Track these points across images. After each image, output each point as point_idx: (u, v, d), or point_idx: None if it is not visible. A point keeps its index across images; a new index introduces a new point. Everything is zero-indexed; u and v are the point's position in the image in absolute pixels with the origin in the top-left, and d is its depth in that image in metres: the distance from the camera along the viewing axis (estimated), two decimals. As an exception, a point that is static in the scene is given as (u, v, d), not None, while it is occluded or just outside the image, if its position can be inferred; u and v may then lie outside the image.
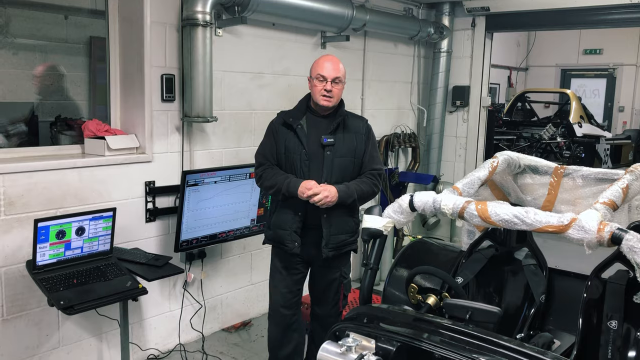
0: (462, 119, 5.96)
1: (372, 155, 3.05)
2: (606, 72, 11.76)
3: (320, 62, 2.97)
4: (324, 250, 2.96)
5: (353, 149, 2.99)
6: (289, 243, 2.98)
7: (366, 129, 3.08)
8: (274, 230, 3.06)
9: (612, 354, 2.06)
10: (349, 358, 1.81)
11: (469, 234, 2.86)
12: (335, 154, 2.94)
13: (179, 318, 3.91)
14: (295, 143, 2.95)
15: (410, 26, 5.39)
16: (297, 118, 2.99)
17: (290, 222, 2.97)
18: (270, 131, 3.06)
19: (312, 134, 2.96)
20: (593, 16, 5.29)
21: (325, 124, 2.98)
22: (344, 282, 3.12)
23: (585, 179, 2.59)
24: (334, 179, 2.92)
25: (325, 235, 2.94)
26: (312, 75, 2.99)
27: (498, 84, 11.91)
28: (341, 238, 3.00)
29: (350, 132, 3.00)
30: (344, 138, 2.97)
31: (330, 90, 2.91)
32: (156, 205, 3.67)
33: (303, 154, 2.93)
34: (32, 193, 3.08)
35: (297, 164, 2.94)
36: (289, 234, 2.97)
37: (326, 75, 2.91)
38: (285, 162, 2.98)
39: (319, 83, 2.93)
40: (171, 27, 3.63)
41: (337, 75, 2.93)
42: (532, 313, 2.48)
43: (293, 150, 2.95)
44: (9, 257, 3.02)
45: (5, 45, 3.55)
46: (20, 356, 3.14)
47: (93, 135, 3.45)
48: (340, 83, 2.95)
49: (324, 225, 2.94)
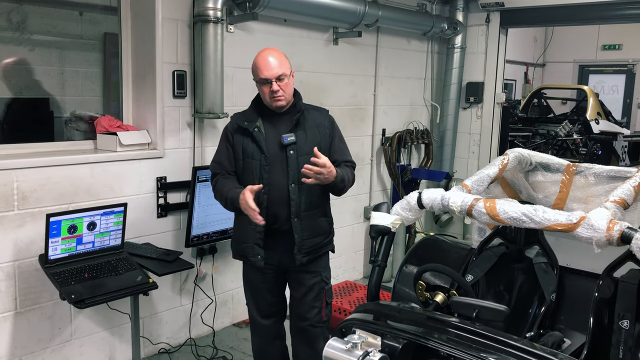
0: (476, 115, 5.91)
1: (339, 147, 2.83)
2: (625, 68, 11.57)
3: (258, 64, 2.67)
4: (297, 256, 2.73)
5: (317, 144, 2.70)
6: (251, 257, 2.76)
7: (329, 121, 2.84)
8: (236, 243, 2.86)
9: (623, 353, 2.03)
10: (354, 355, 1.80)
11: (480, 231, 2.84)
12: (299, 153, 2.69)
13: (189, 313, 3.94)
14: (254, 148, 2.70)
15: (423, 22, 5.35)
16: (252, 120, 2.73)
17: (250, 234, 2.72)
18: (224, 137, 2.81)
19: (271, 135, 2.72)
20: (611, 11, 5.20)
21: (284, 122, 2.74)
22: (325, 287, 2.88)
23: (597, 176, 2.55)
24: (301, 178, 2.63)
25: (297, 240, 2.72)
26: (254, 78, 2.71)
27: (514, 80, 11.78)
28: (315, 241, 2.78)
29: (312, 127, 2.76)
30: (306, 134, 2.73)
31: (277, 90, 2.65)
32: (167, 200, 3.70)
33: (263, 160, 2.68)
34: (45, 188, 3.12)
35: (257, 171, 2.69)
36: (251, 247, 2.74)
37: (268, 76, 2.63)
38: (243, 169, 2.74)
39: (264, 86, 2.67)
40: (183, 23, 3.65)
41: (280, 72, 2.64)
42: (543, 312, 2.46)
43: (252, 156, 2.71)
44: (22, 251, 3.06)
45: (22, 42, 3.59)
46: (33, 349, 3.19)
47: (105, 131, 3.48)
48: (286, 78, 2.67)
49: (295, 230, 2.70)
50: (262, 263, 2.75)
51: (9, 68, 3.58)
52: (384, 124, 5.39)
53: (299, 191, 2.71)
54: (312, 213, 2.75)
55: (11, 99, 3.67)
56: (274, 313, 2.96)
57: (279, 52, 2.72)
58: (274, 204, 2.70)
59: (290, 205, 2.70)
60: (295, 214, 2.71)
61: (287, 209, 2.71)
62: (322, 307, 2.89)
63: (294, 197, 2.70)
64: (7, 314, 3.07)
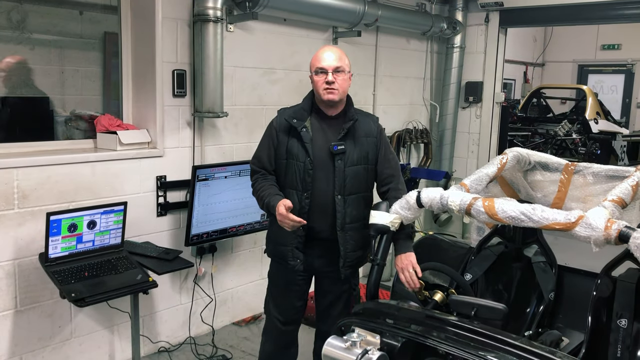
0: (475, 114, 5.92)
1: (388, 159, 2.73)
2: (624, 68, 11.57)
3: (318, 55, 2.62)
4: (342, 270, 2.66)
5: (365, 154, 2.65)
6: (290, 260, 2.69)
7: (378, 129, 2.74)
8: (273, 245, 2.79)
9: (621, 352, 2.04)
10: (353, 353, 1.81)
11: (479, 230, 2.85)
12: (346, 163, 2.60)
13: (189, 311, 3.95)
14: (299, 149, 2.60)
15: (422, 21, 5.35)
16: (302, 119, 2.63)
17: (290, 237, 2.64)
18: (269, 133, 2.71)
19: (318, 139, 2.62)
20: (610, 11, 5.21)
21: (333, 127, 2.65)
22: (353, 294, 2.83)
23: (595, 176, 2.57)
24: (347, 190, 2.61)
25: (342, 253, 2.63)
26: (311, 70, 2.64)
27: (514, 80, 11.78)
28: (358, 254, 2.70)
29: (361, 136, 2.67)
30: (355, 143, 2.63)
31: (332, 82, 2.55)
32: (167, 199, 3.70)
33: (308, 163, 2.58)
34: (45, 187, 3.12)
35: (300, 174, 2.59)
36: (290, 250, 2.67)
37: (325, 67, 2.56)
38: (286, 170, 2.64)
39: (320, 76, 2.58)
40: (182, 22, 3.65)
41: (338, 64, 2.57)
42: (541, 310, 2.47)
43: (296, 157, 2.60)
44: (22, 249, 3.07)
45: (22, 41, 3.59)
46: (33, 347, 3.19)
47: (105, 130, 3.48)
48: (343, 73, 2.59)
49: (341, 242, 2.63)
50: (302, 267, 2.69)
51: (9, 67, 3.58)
52: (383, 123, 5.27)
53: (344, 203, 2.62)
54: (356, 225, 2.65)
55: (11, 98, 3.67)
56: (296, 320, 2.89)
57: (341, 50, 2.66)
58: (316, 212, 2.62)
59: (336, 216, 2.62)
60: (341, 226, 2.62)
61: (331, 219, 2.62)
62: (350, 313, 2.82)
63: (340, 208, 2.61)
64: (7, 312, 3.07)
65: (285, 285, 2.82)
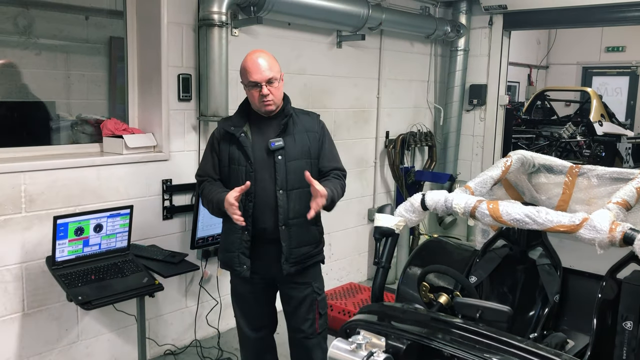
0: (479, 117, 5.92)
1: (330, 153, 2.76)
2: (629, 70, 11.55)
3: (247, 67, 2.58)
4: (284, 266, 2.64)
5: (307, 149, 2.67)
6: (237, 267, 2.67)
7: (319, 125, 2.76)
8: (222, 253, 2.77)
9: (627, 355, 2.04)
10: (359, 355, 1.82)
11: (483, 233, 2.85)
12: (287, 158, 2.62)
13: (195, 314, 3.97)
14: (239, 154, 2.62)
15: (426, 25, 5.37)
16: (239, 125, 2.65)
17: (237, 242, 2.64)
18: (210, 145, 2.73)
19: (258, 141, 2.64)
20: (614, 13, 5.21)
21: (272, 126, 2.66)
22: (318, 299, 2.79)
23: (600, 178, 2.56)
24: (289, 185, 2.61)
25: (284, 249, 2.62)
26: (243, 81, 2.63)
27: (518, 82, 11.78)
28: (303, 251, 2.68)
29: (301, 132, 2.69)
30: (294, 139, 2.66)
31: (267, 95, 2.56)
32: (173, 203, 3.72)
33: (248, 166, 2.60)
34: (52, 190, 3.15)
35: (243, 177, 2.60)
36: (236, 256, 2.65)
37: (258, 80, 2.55)
38: (229, 175, 2.66)
39: (254, 90, 2.58)
40: (188, 27, 3.68)
41: (270, 75, 2.56)
42: (546, 313, 2.47)
43: (238, 162, 2.62)
44: (29, 252, 3.09)
45: (29, 46, 3.62)
46: (40, 350, 3.21)
47: (111, 134, 3.51)
48: (276, 81, 2.59)
49: (283, 238, 2.62)
50: (248, 273, 2.66)
51: (15, 72, 3.61)
52: (387, 126, 5.41)
53: (287, 198, 2.62)
54: (301, 221, 2.62)
55: (17, 103, 3.70)
56: (264, 326, 2.86)
57: (268, 55, 2.64)
58: (261, 211, 2.62)
59: (278, 212, 2.61)
60: (284, 221, 2.61)
61: (274, 216, 2.61)
62: (316, 319, 2.79)
63: (282, 204, 2.61)
64: (15, 316, 3.09)
65: (243, 293, 2.80)
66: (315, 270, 2.81)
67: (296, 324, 2.81)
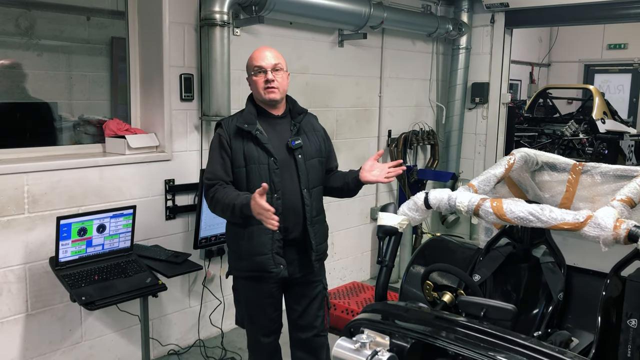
0: (481, 115, 5.92)
1: (333, 152, 2.85)
2: (631, 67, 11.52)
3: (254, 55, 2.60)
4: (315, 264, 2.67)
5: (319, 148, 2.70)
6: (273, 268, 2.56)
7: (320, 125, 2.82)
8: (248, 260, 2.60)
9: (631, 352, 2.03)
10: (363, 354, 1.81)
11: (487, 231, 2.84)
12: (305, 157, 2.62)
13: (198, 314, 3.97)
14: (259, 152, 2.54)
15: (428, 23, 5.36)
16: (252, 123, 2.56)
17: (268, 243, 2.55)
18: (219, 146, 2.58)
19: (274, 139, 2.59)
20: (616, 10, 5.20)
21: (282, 126, 2.65)
22: (326, 295, 2.82)
23: (603, 175, 2.56)
24: (311, 184, 2.63)
25: (314, 247, 2.63)
26: (249, 72, 2.63)
27: (520, 80, 11.75)
28: (324, 247, 2.75)
29: (311, 131, 2.71)
30: (308, 138, 2.67)
31: (272, 80, 2.53)
32: (176, 203, 3.73)
33: (272, 163, 2.53)
34: (55, 191, 3.15)
35: (266, 176, 2.53)
36: (270, 257, 2.55)
37: (264, 65, 2.54)
38: (248, 176, 2.55)
39: (259, 76, 2.56)
40: (189, 27, 3.68)
41: (276, 62, 2.56)
42: (550, 311, 2.46)
43: (258, 161, 2.54)
44: (33, 253, 3.10)
45: (30, 47, 3.63)
46: (44, 350, 3.22)
47: (114, 134, 3.51)
48: (282, 71, 2.58)
49: (312, 236, 2.63)
50: (286, 273, 2.60)
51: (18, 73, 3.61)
52: (389, 125, 5.41)
53: (310, 196, 2.64)
54: (320, 218, 2.72)
55: (20, 103, 3.70)
56: (276, 330, 2.79)
57: (275, 50, 2.66)
58: (289, 211, 2.59)
59: (305, 210, 2.62)
60: (310, 220, 2.63)
61: (300, 215, 2.62)
62: (325, 315, 2.80)
63: (308, 202, 2.62)
64: (19, 316, 3.10)
65: (260, 300, 2.69)
66: (323, 266, 2.84)
67: (307, 322, 2.78)
